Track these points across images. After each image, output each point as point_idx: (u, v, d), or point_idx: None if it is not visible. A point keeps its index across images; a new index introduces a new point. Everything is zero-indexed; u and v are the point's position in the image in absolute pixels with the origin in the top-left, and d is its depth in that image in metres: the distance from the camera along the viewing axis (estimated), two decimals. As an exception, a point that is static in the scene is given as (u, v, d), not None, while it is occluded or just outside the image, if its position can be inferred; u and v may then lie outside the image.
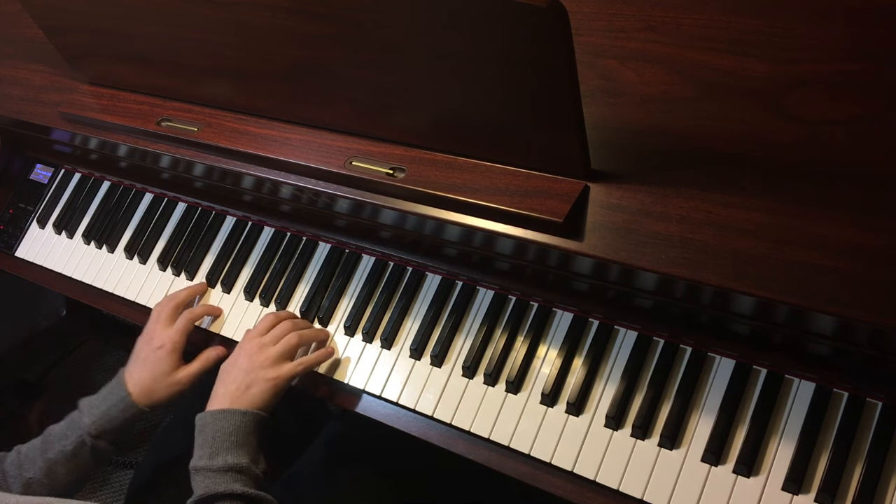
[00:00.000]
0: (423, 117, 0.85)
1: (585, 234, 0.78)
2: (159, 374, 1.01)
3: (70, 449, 0.98)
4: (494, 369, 0.93)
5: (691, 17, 0.85)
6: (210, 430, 0.90)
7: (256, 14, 0.85)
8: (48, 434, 1.00)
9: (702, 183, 0.76)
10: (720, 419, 0.83)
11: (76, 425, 0.99)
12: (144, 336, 1.06)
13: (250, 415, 0.91)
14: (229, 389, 0.93)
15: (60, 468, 0.98)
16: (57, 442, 0.98)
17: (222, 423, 0.90)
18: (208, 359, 1.04)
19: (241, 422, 0.90)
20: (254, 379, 0.93)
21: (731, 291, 0.72)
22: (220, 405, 0.92)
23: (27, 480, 0.97)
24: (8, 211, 1.38)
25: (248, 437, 0.90)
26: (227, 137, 1.00)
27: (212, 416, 0.91)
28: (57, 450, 0.98)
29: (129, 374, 1.02)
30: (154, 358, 1.02)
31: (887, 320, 0.66)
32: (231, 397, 0.92)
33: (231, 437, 0.89)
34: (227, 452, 0.88)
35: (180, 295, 1.10)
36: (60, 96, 1.17)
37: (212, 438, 0.89)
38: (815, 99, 0.76)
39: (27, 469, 0.98)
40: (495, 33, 0.70)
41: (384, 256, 1.06)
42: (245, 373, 0.94)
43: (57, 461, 0.98)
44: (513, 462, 0.90)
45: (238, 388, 0.93)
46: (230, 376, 0.95)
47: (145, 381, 1.01)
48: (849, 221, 0.69)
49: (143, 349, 1.04)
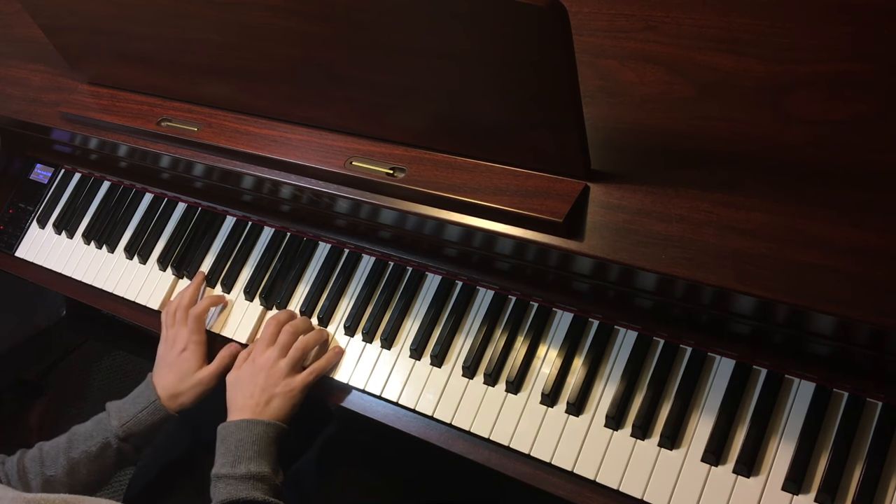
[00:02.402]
0: (424, 117, 0.85)
1: (585, 234, 0.78)
2: (185, 374, 1.04)
3: (95, 450, 1.00)
4: (494, 369, 0.93)
5: (691, 17, 0.85)
6: (233, 440, 0.92)
7: (256, 14, 0.85)
8: (73, 433, 1.02)
9: (702, 183, 0.76)
10: (720, 419, 0.83)
11: (104, 427, 1.01)
12: (165, 342, 1.09)
13: (272, 426, 0.94)
14: (248, 404, 0.96)
15: (83, 468, 1.00)
16: (82, 442, 1.00)
17: (245, 432, 0.92)
18: (224, 357, 1.06)
19: (264, 432, 0.93)
20: (272, 394, 0.96)
21: (731, 291, 0.72)
22: (241, 416, 0.95)
23: (48, 478, 0.99)
24: (8, 211, 1.38)
25: (269, 447, 0.92)
26: (228, 137, 1.00)
27: (235, 426, 0.93)
28: (81, 450, 1.00)
29: (157, 379, 1.05)
30: (179, 360, 1.05)
31: (887, 320, 0.66)
32: (252, 410, 0.95)
33: (254, 447, 0.91)
34: (250, 461, 0.90)
35: (187, 294, 1.11)
36: (60, 96, 1.17)
37: (235, 447, 0.91)
38: (815, 99, 0.76)
39: (49, 466, 0.99)
40: (495, 33, 0.70)
41: (384, 256, 1.06)
42: (262, 389, 0.96)
43: (80, 461, 1.00)
44: (513, 462, 0.90)
45: (258, 404, 0.95)
46: (247, 390, 0.97)
47: (172, 384, 1.04)
48: (849, 221, 0.69)
49: (168, 355, 1.07)
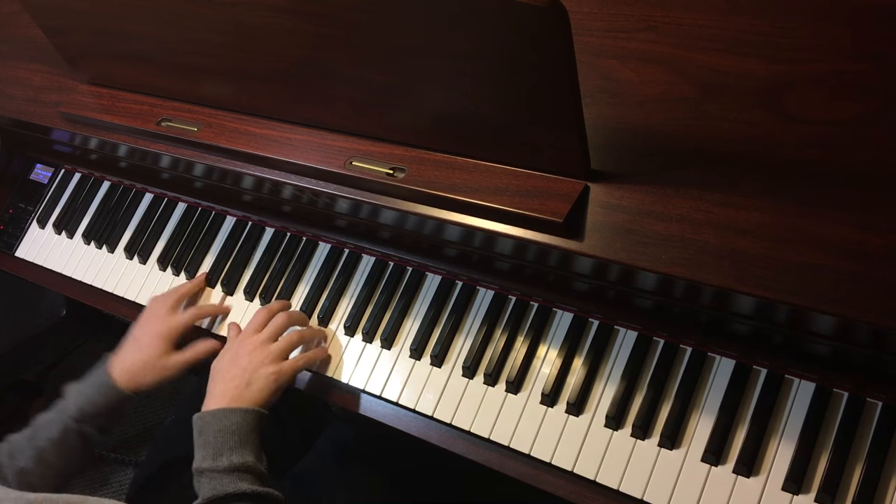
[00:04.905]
0: (424, 117, 0.85)
1: (585, 234, 0.78)
2: (149, 357, 1.01)
3: (57, 435, 0.98)
4: (494, 369, 0.93)
5: (691, 17, 0.85)
6: (211, 430, 0.88)
7: (256, 14, 0.85)
8: (36, 421, 1.00)
9: (702, 183, 0.76)
10: (720, 419, 0.83)
11: (61, 410, 0.99)
12: (142, 320, 1.06)
13: (251, 412, 0.90)
14: (228, 388, 0.92)
15: (50, 455, 0.97)
16: (44, 429, 0.98)
17: (223, 422, 0.89)
18: (199, 350, 1.04)
19: (243, 420, 0.89)
20: (254, 376, 0.93)
21: (731, 291, 0.72)
22: (218, 404, 0.91)
23: (20, 469, 0.97)
24: (8, 211, 1.38)
25: (250, 434, 0.89)
26: (227, 137, 1.00)
27: (212, 416, 0.90)
28: (44, 437, 0.98)
29: (117, 359, 1.03)
30: (147, 341, 1.03)
31: (887, 320, 0.66)
32: (230, 395, 0.91)
33: (234, 437, 0.87)
34: (232, 452, 0.86)
35: (183, 289, 1.11)
36: (60, 96, 1.17)
37: (213, 439, 0.88)
38: (815, 99, 0.76)
39: (18, 458, 0.97)
40: (495, 33, 0.70)
41: (384, 256, 1.06)
42: (244, 370, 0.93)
43: (45, 448, 0.97)
44: (513, 462, 0.90)
45: (237, 387, 0.92)
46: (228, 374, 0.94)
47: (134, 365, 1.01)
48: (849, 221, 0.69)
49: (138, 330, 1.04)
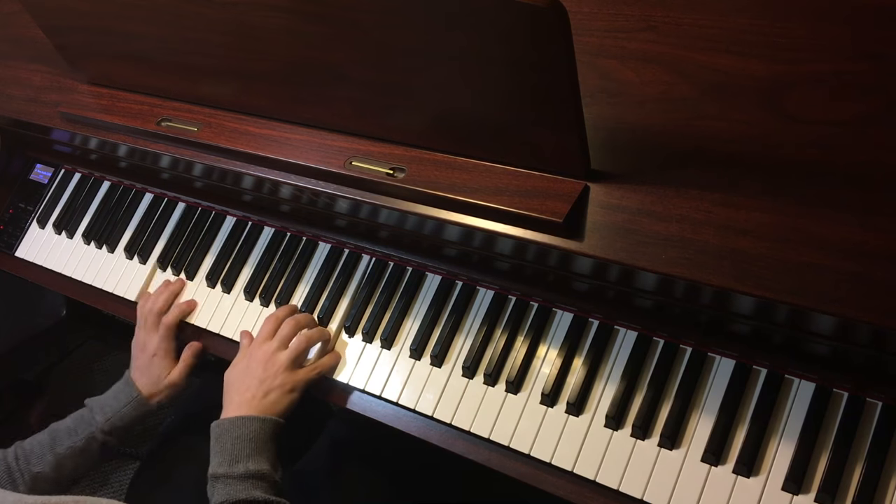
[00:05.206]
0: (423, 117, 0.85)
1: (585, 234, 0.78)
2: (156, 379, 1.09)
3: (80, 445, 1.03)
4: (494, 369, 0.93)
5: (691, 17, 0.85)
6: (229, 437, 0.90)
7: (256, 14, 0.85)
8: (54, 431, 1.05)
9: (702, 183, 0.76)
10: (720, 419, 0.83)
11: (87, 422, 1.04)
12: (137, 345, 1.12)
13: (269, 421, 0.92)
14: (245, 398, 0.94)
15: (69, 462, 1.03)
16: (66, 438, 1.03)
17: (241, 429, 0.91)
18: (188, 358, 1.11)
19: (261, 428, 0.91)
20: (270, 386, 0.95)
21: (731, 291, 0.72)
22: (236, 412, 0.93)
23: (35, 475, 1.01)
24: (8, 211, 1.38)
25: (267, 443, 0.91)
26: (227, 137, 1.00)
27: (230, 423, 0.92)
28: (66, 445, 1.03)
29: (135, 377, 1.09)
30: (150, 365, 1.09)
31: (887, 320, 0.66)
32: (248, 405, 0.93)
33: (251, 444, 0.89)
34: (248, 459, 0.88)
35: (161, 299, 1.13)
36: (60, 96, 1.17)
37: (231, 445, 0.90)
38: (815, 99, 0.76)
39: (35, 464, 1.02)
40: (495, 33, 0.70)
41: (384, 256, 1.06)
42: (260, 381, 0.95)
43: (66, 456, 1.03)
44: (513, 462, 0.90)
45: (254, 397, 0.94)
46: (243, 385, 0.96)
47: (147, 386, 1.08)
48: (849, 221, 0.69)
49: (139, 357, 1.11)
